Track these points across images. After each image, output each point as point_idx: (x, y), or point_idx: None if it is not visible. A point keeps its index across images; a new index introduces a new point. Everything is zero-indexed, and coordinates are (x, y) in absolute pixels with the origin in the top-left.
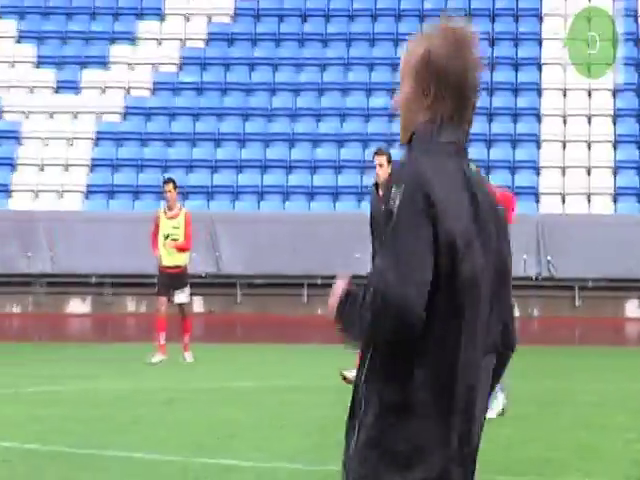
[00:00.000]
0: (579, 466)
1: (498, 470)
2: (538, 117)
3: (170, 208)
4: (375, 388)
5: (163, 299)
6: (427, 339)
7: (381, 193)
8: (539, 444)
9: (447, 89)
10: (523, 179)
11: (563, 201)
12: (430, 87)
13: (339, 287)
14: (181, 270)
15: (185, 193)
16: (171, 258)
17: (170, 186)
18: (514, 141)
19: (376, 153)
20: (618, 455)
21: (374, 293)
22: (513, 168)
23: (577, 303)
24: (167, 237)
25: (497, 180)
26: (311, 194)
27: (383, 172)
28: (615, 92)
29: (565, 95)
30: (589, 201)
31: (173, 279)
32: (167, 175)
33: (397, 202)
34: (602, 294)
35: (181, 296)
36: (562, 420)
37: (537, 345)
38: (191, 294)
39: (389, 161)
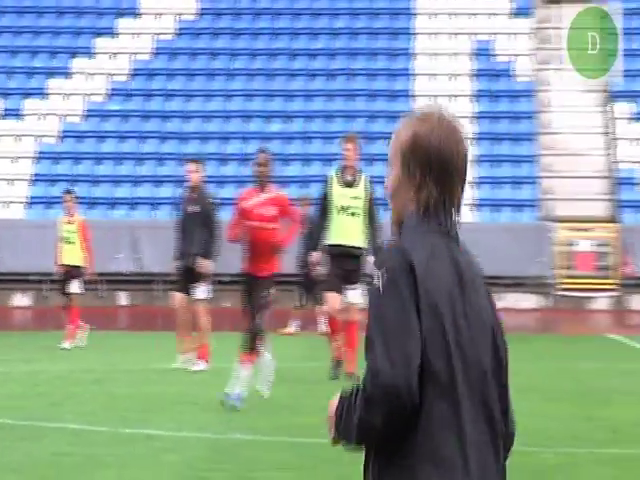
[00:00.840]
0: None
1: None
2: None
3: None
4: None
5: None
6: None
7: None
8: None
9: (432, 175)
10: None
11: None
12: (416, 173)
13: (332, 405)
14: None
15: (112, 204)
16: (68, 257)
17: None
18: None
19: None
20: None
21: (369, 382)
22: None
23: None
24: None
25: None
26: None
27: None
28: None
29: None
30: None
31: (68, 274)
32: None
33: (381, 288)
34: None
35: (73, 286)
36: None
37: None
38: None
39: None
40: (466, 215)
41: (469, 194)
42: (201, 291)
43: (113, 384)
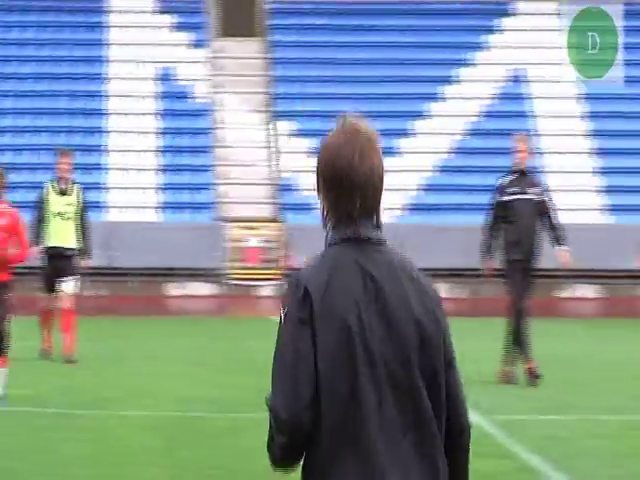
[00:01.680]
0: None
1: None
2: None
3: None
4: None
5: None
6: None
7: None
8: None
9: (329, 190)
10: (94, 196)
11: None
12: (325, 193)
13: None
14: None
15: None
16: None
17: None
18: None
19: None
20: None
21: (271, 415)
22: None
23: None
24: None
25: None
26: None
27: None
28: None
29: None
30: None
31: None
32: None
33: (281, 322)
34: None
35: None
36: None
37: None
38: None
39: None
40: (152, 216)
41: (155, 198)
42: None
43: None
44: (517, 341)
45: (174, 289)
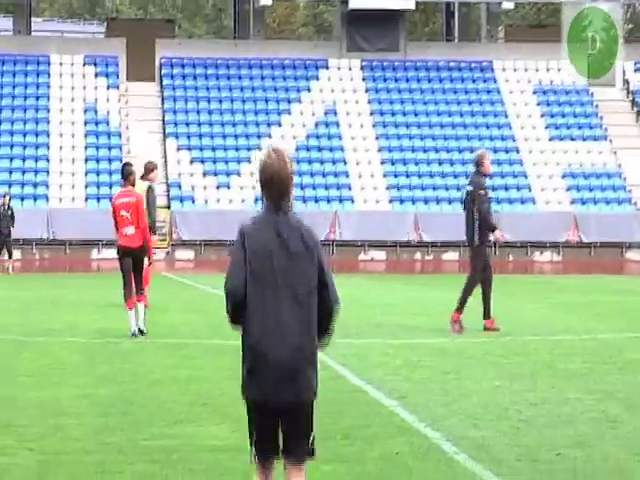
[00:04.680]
0: None
1: None
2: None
3: None
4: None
5: None
6: (249, 303)
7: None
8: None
9: (265, 186)
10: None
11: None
12: (261, 185)
13: None
14: None
15: None
16: None
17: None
18: None
19: None
20: None
21: (225, 290)
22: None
23: None
24: None
25: None
26: None
27: None
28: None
29: None
30: None
31: None
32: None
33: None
34: None
35: None
36: None
37: None
38: None
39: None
40: (81, 203)
41: (82, 192)
42: None
43: None
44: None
45: (96, 254)
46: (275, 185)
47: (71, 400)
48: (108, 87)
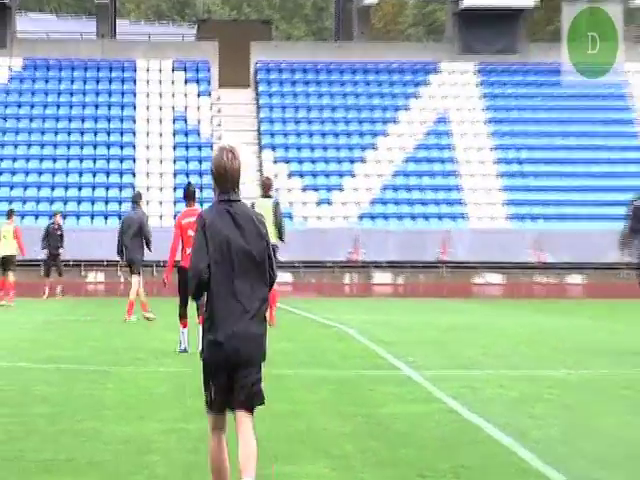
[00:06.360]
0: None
1: None
2: None
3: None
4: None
5: None
6: (210, 283)
7: None
8: None
9: (217, 179)
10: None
11: None
12: (213, 179)
13: None
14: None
15: None
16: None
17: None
18: None
19: None
20: None
21: (189, 271)
22: None
23: None
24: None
25: None
26: None
27: None
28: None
29: None
30: None
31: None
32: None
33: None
34: None
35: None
36: None
37: None
38: None
39: None
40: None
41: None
42: None
43: None
44: None
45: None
46: (229, 178)
47: (158, 435)
48: (199, 94)
